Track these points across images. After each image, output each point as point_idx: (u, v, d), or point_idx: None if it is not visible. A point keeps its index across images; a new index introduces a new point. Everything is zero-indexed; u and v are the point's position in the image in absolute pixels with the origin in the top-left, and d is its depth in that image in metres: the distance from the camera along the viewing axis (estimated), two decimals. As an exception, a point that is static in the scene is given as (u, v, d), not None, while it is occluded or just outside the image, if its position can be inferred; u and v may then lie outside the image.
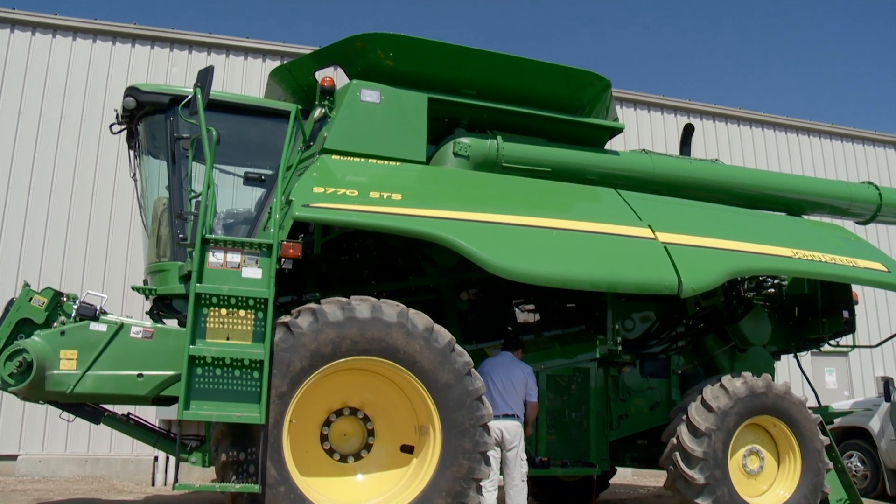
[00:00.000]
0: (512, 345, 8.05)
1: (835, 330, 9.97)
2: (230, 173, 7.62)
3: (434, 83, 7.82)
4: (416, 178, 7.45)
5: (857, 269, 8.74)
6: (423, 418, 6.50)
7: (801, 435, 8.25)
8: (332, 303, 6.35)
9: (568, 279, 7.15)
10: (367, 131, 7.44)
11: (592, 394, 8.82)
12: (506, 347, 8.05)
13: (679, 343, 9.59)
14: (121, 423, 7.50)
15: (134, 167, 7.90)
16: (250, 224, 7.40)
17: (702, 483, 7.64)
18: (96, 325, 6.62)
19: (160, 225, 7.53)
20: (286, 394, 6.03)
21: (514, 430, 7.56)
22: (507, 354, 7.93)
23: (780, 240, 8.57)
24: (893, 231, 19.42)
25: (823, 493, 8.26)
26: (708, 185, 9.20)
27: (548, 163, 8.30)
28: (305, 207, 6.44)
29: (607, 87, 8.44)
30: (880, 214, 10.33)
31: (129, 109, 7.35)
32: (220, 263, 6.13)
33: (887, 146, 20.57)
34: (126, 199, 12.97)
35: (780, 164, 18.78)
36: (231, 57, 15.20)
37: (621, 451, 9.43)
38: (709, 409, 7.88)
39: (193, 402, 5.78)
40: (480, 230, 6.92)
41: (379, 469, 6.59)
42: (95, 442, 12.78)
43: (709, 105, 18.94)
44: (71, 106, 14.03)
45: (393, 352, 6.31)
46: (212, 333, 5.95)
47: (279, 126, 7.23)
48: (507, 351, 8.00)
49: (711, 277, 7.73)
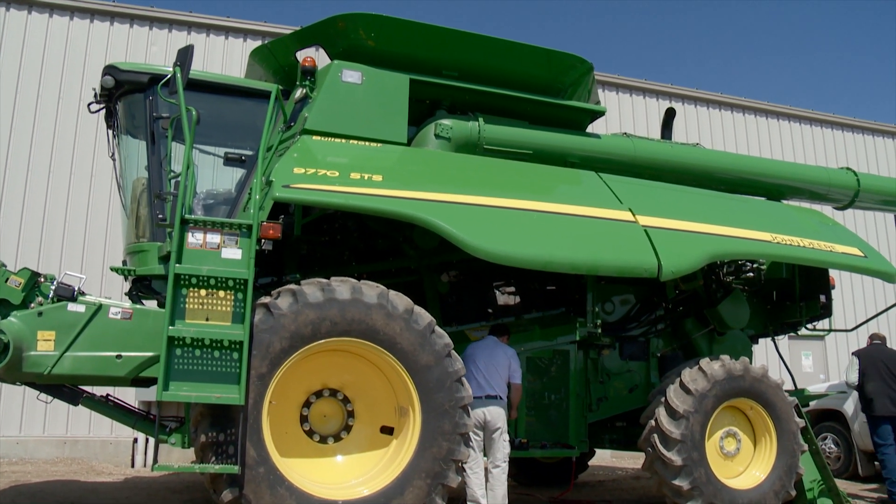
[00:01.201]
0: (498, 330, 8.07)
1: (812, 314, 10.08)
2: (210, 153, 7.57)
3: (416, 64, 7.78)
4: (397, 160, 7.43)
5: (834, 253, 8.82)
6: (403, 400, 6.52)
7: (778, 417, 8.34)
8: (312, 284, 6.34)
9: (548, 261, 7.16)
10: (348, 112, 7.40)
11: (572, 376, 8.86)
12: (492, 332, 8.06)
13: (658, 326, 9.65)
14: (99, 404, 7.44)
15: (112, 147, 7.83)
16: (230, 205, 7.35)
17: (679, 464, 7.72)
18: (74, 305, 6.56)
19: (139, 205, 7.46)
20: (266, 375, 6.02)
21: (497, 412, 7.59)
22: (492, 338, 7.95)
23: (759, 224, 8.62)
24: (871, 216, 19.60)
25: (798, 474, 8.37)
26: (689, 169, 9.24)
27: (529, 145, 8.31)
28: (286, 188, 6.41)
29: (589, 70, 8.43)
30: (858, 200, 10.42)
31: (107, 88, 7.26)
32: (199, 244, 6.09)
33: (866, 132, 20.73)
34: (105, 179, 12.87)
35: (760, 149, 18.89)
36: (212, 36, 15.05)
37: (600, 433, 9.50)
38: (687, 392, 7.95)
39: (173, 382, 5.76)
40: (461, 212, 6.92)
41: (358, 450, 6.61)
42: (74, 423, 12.72)
43: (690, 89, 19.00)
44: (48, 85, 13.84)
45: (373, 333, 6.31)
46: (191, 314, 5.92)
47: (260, 106, 7.16)
48: (493, 335, 8.02)
49: (691, 261, 7.78)
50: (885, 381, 10.23)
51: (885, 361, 10.40)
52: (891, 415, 10.16)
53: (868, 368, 10.34)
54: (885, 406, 10.14)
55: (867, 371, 10.36)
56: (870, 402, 10.23)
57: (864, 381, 10.30)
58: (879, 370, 10.30)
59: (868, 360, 10.47)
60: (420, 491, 6.25)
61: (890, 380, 10.24)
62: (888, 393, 10.19)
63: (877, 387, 10.21)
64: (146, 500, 8.41)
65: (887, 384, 10.21)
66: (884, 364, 10.35)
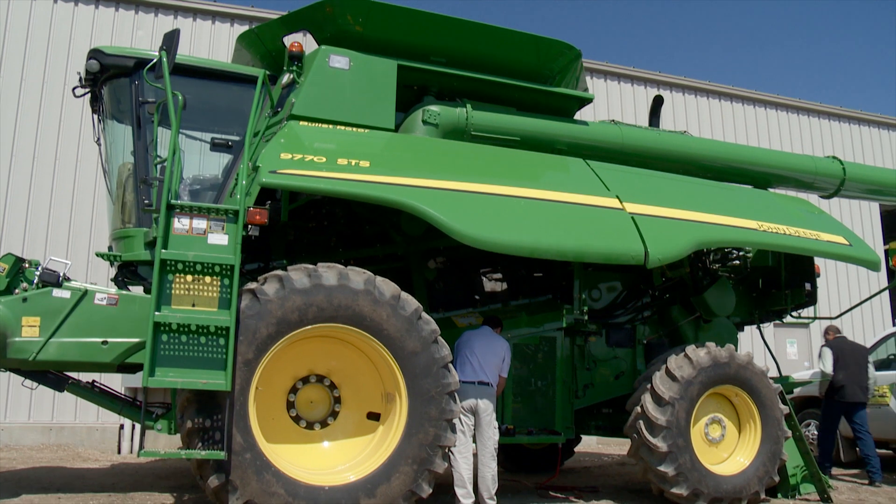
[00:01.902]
0: (492, 321, 8.08)
1: (797, 302, 10.14)
2: (196, 139, 7.54)
3: (404, 50, 7.76)
4: (384, 146, 7.42)
5: (819, 242, 8.87)
6: (390, 386, 6.52)
7: (762, 404, 8.40)
8: (299, 270, 6.33)
9: (535, 248, 7.17)
10: (335, 98, 7.38)
11: (558, 363, 8.88)
12: (487, 323, 8.07)
13: (645, 313, 9.69)
14: (85, 390, 7.44)
15: (98, 132, 7.78)
16: (217, 190, 7.34)
17: (665, 451, 7.77)
18: (59, 291, 6.55)
19: (125, 190, 7.43)
20: (252, 361, 6.01)
21: (488, 398, 7.60)
22: (487, 328, 7.95)
23: (745, 212, 8.66)
24: (856, 205, 19.72)
25: (781, 460, 8.44)
26: (676, 156, 9.27)
27: (517, 132, 8.31)
28: (273, 174, 6.39)
29: (578, 57, 8.43)
30: (844, 189, 10.48)
31: (92, 72, 7.22)
32: (185, 229, 6.06)
33: (852, 122, 20.83)
34: (90, 164, 12.76)
35: (747, 138, 18.95)
36: (198, 21, 14.94)
37: (586, 419, 9.54)
38: (673, 379, 7.99)
39: (159, 368, 5.75)
40: (448, 198, 6.92)
41: (345, 436, 6.62)
42: (60, 410, 12.67)
43: (678, 77, 19.02)
44: (32, 69, 13.69)
45: (359, 319, 6.31)
46: (177, 300, 5.91)
47: (246, 91, 7.13)
48: (488, 326, 8.02)
49: (677, 248, 7.80)
50: (853, 370, 10.56)
51: (851, 352, 10.74)
52: (860, 401, 10.51)
53: (839, 359, 10.62)
54: (855, 393, 10.47)
55: (838, 361, 10.64)
56: (841, 389, 10.50)
57: (836, 371, 10.57)
58: (848, 360, 10.62)
59: (838, 351, 10.73)
60: (406, 477, 6.27)
61: (856, 369, 10.58)
62: (857, 381, 10.54)
63: (847, 376, 10.51)
64: (132, 486, 8.39)
65: (856, 373, 10.56)
66: (851, 354, 10.69)
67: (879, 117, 21.14)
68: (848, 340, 11.20)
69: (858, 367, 10.61)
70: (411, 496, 6.30)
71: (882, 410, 11.24)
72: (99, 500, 7.40)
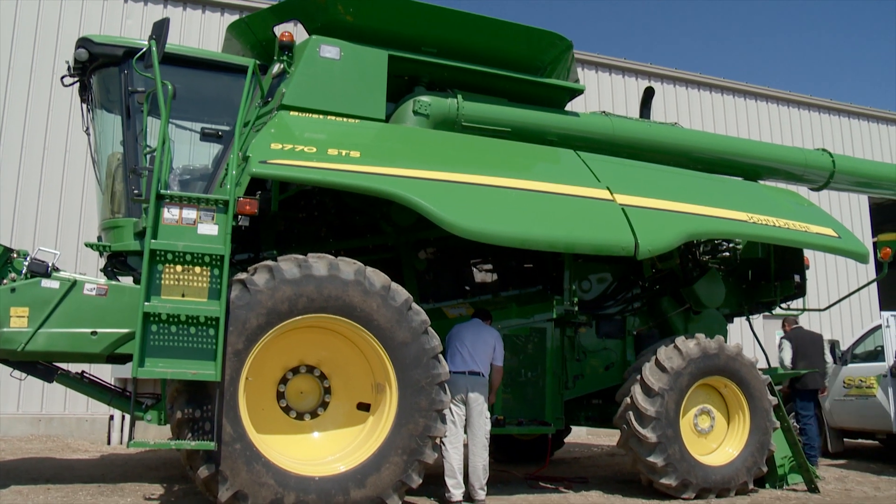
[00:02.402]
0: (482, 314, 8.09)
1: (786, 293, 10.18)
2: (186, 129, 7.51)
3: (394, 40, 7.74)
4: (375, 136, 7.41)
5: (809, 234, 8.91)
6: (380, 376, 6.53)
7: (751, 395, 8.44)
8: (289, 260, 6.31)
9: (525, 239, 7.18)
10: (326, 88, 7.36)
11: (548, 353, 8.90)
12: (476, 316, 8.08)
13: (635, 304, 9.71)
14: (75, 381, 7.41)
15: (87, 121, 7.74)
16: (207, 180, 7.31)
17: (654, 441, 7.80)
18: (48, 281, 6.53)
19: (114, 180, 7.40)
20: (242, 351, 6.00)
21: (479, 389, 7.61)
22: (477, 321, 7.97)
23: (735, 204, 8.69)
24: (845, 197, 19.80)
25: (770, 451, 8.49)
26: (666, 148, 9.28)
27: (508, 123, 8.30)
28: (263, 164, 6.37)
29: (569, 48, 8.42)
30: (833, 181, 10.53)
31: (81, 61, 7.18)
32: (175, 219, 6.04)
33: (842, 115, 20.89)
34: (79, 154, 12.69)
35: (738, 130, 18.99)
36: (188, 10, 14.85)
37: (576, 410, 9.57)
38: (662, 370, 8.02)
39: (148, 359, 5.74)
40: (439, 189, 6.91)
41: (335, 427, 6.62)
42: (49, 401, 12.62)
43: (669, 69, 19.03)
44: (20, 58, 13.58)
45: (350, 310, 6.30)
46: (167, 290, 5.89)
47: (237, 81, 7.10)
48: (478, 318, 8.03)
49: (668, 240, 7.83)
50: (813, 359, 10.84)
51: (810, 341, 11.04)
52: (818, 388, 10.88)
53: (799, 348, 10.89)
54: (814, 380, 10.72)
55: (799, 350, 10.90)
56: (803, 377, 10.69)
57: (797, 360, 10.83)
58: (808, 349, 10.90)
59: (798, 341, 10.97)
60: (396, 467, 6.28)
61: (815, 357, 10.90)
62: (817, 368, 10.84)
63: (808, 364, 10.75)
64: (122, 477, 8.38)
65: (815, 362, 10.85)
66: (810, 344, 10.98)
67: (869, 110, 21.22)
68: (805, 330, 11.42)
69: (817, 356, 10.94)
70: (401, 486, 6.31)
71: (869, 401, 11.32)
72: (88, 491, 7.39)
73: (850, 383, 11.72)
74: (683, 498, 7.94)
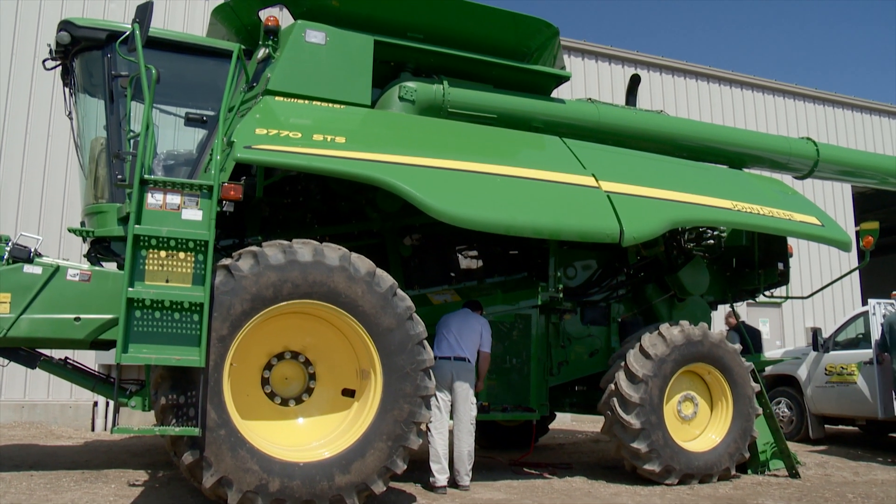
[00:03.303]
0: (473, 305, 8.11)
1: (770, 281, 10.25)
2: (171, 114, 7.45)
3: (381, 26, 7.70)
4: (360, 122, 7.38)
5: (793, 222, 8.96)
6: (365, 362, 6.52)
7: (734, 382, 8.51)
8: (274, 246, 6.28)
9: (511, 226, 7.18)
10: (311, 73, 7.32)
11: (533, 340, 8.93)
12: (467, 306, 8.09)
13: (619, 291, 9.75)
14: (58, 367, 7.37)
15: (69, 105, 7.67)
16: (191, 166, 7.27)
17: (638, 428, 7.85)
18: (31, 267, 6.48)
19: (98, 165, 7.33)
20: (227, 337, 5.98)
21: (465, 375, 7.62)
22: (466, 309, 7.98)
23: (720, 192, 8.72)
24: (829, 186, 19.91)
25: (752, 437, 8.56)
26: (652, 135, 9.30)
27: (494, 109, 8.30)
28: (247, 149, 6.33)
29: (555, 34, 8.40)
30: (817, 170, 10.59)
31: (63, 45, 7.09)
32: (159, 205, 5.98)
33: (827, 104, 21.00)
34: (62, 139, 12.58)
35: (723, 118, 19.06)
36: (172, -6, 14.71)
37: (561, 396, 9.62)
38: (646, 357, 8.07)
39: (132, 345, 5.68)
40: (424, 175, 6.90)
41: (320, 413, 6.61)
42: (32, 387, 12.56)
43: (655, 57, 19.05)
44: (0, 40, 13.44)
45: (335, 296, 6.29)
46: (151, 276, 5.83)
47: (221, 66, 7.05)
48: (467, 308, 8.04)
49: (652, 227, 7.85)
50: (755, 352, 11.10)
51: (752, 336, 11.31)
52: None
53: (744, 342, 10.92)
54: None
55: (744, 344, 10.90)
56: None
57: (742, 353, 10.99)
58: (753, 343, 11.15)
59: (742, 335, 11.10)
60: (381, 453, 6.29)
61: (757, 351, 11.16)
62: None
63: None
64: (106, 463, 8.36)
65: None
66: (752, 338, 11.23)
67: (854, 100, 21.33)
68: (747, 325, 11.74)
69: (757, 349, 11.23)
70: (386, 472, 6.31)
71: (850, 388, 11.44)
72: (72, 478, 7.37)
73: (831, 370, 11.83)
74: (667, 484, 8.00)
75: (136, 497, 6.60)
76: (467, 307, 8.04)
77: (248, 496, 5.84)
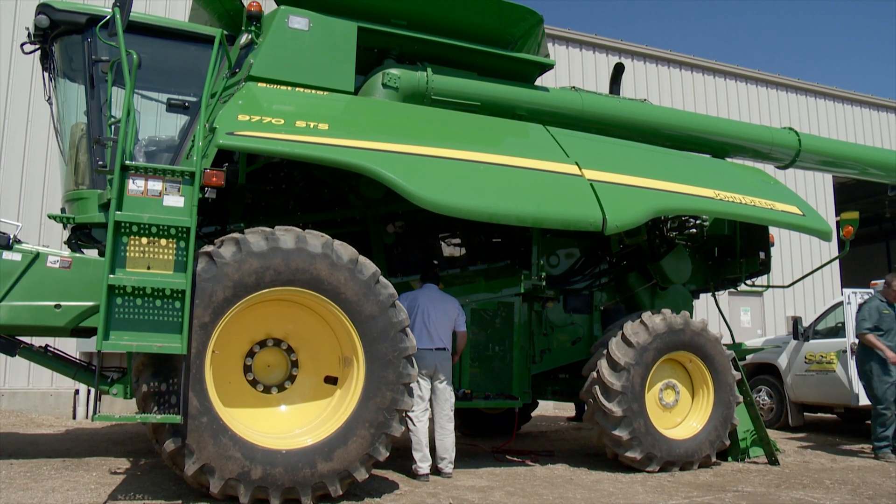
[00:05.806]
0: (434, 277, 8.03)
1: (751, 270, 10.31)
2: (153, 99, 7.39)
3: (364, 12, 7.67)
4: (343, 109, 7.35)
5: (774, 211, 9.00)
6: (347, 350, 6.51)
7: (715, 370, 8.56)
8: (256, 233, 6.25)
9: (494, 213, 7.18)
10: (294, 59, 7.28)
11: (516, 328, 8.95)
12: (429, 280, 8.02)
13: (602, 280, 9.78)
14: (38, 355, 7.31)
15: (49, 90, 7.58)
16: (173, 152, 7.21)
17: (619, 415, 7.89)
18: (10, 254, 6.43)
19: (78, 151, 7.27)
20: (208, 324, 5.95)
21: (445, 364, 7.64)
22: (433, 287, 7.93)
23: (703, 181, 8.76)
24: (810, 176, 20.03)
25: (732, 424, 8.63)
26: (636, 124, 9.32)
27: (477, 97, 8.29)
28: (230, 135, 6.28)
29: (539, 22, 8.39)
30: (799, 160, 10.66)
31: (41, 28, 7.02)
32: (140, 191, 5.93)
33: (809, 94, 21.11)
34: (42, 124, 12.45)
35: (706, 107, 19.11)
36: (154, -21, 14.55)
37: (543, 384, 9.64)
38: (629, 345, 8.10)
39: (113, 332, 5.65)
40: (407, 162, 6.88)
41: (302, 400, 6.60)
42: (12, 375, 12.45)
43: (640, 46, 19.07)
44: (-19, 24, 13.28)
45: (317, 283, 6.27)
46: (132, 263, 5.79)
47: (203, 51, 6.98)
48: (432, 283, 7.98)
49: (635, 215, 7.87)
50: None
51: None
52: None
53: None
54: None
55: None
56: None
57: None
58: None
59: None
60: (364, 440, 6.29)
61: None
62: None
63: None
64: (87, 451, 8.33)
65: None
66: None
67: (836, 91, 21.44)
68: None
69: None
70: (368, 459, 6.32)
71: (828, 376, 11.55)
72: (53, 466, 7.33)
73: (811, 359, 11.93)
74: (648, 471, 8.05)
75: (117, 485, 6.58)
76: (430, 282, 7.94)
77: (230, 483, 5.83)
